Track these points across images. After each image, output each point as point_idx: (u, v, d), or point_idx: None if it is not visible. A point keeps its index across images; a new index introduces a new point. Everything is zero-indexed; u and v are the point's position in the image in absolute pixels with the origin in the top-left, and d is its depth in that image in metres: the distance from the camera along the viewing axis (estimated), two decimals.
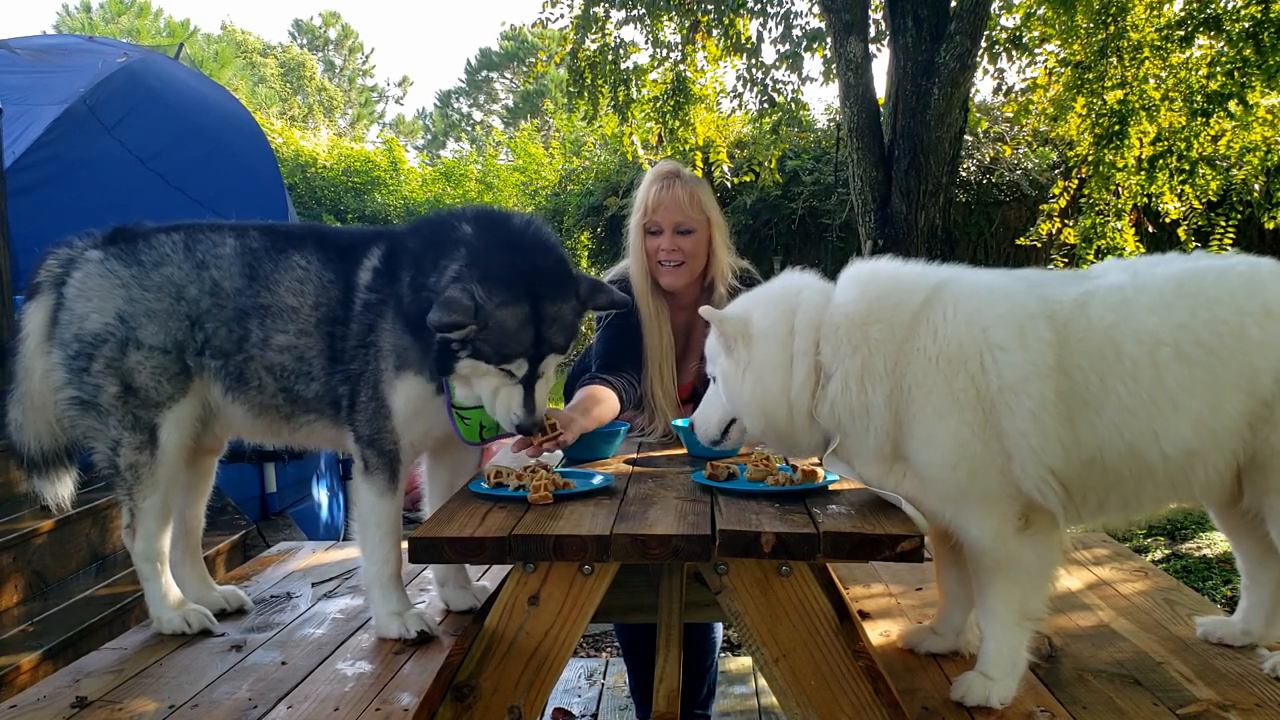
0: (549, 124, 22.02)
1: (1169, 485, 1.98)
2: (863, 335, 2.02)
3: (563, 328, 2.20)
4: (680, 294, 3.18)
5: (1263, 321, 1.93)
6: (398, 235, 2.39)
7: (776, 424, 2.11)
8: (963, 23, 5.80)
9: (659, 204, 3.10)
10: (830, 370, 2.04)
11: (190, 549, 2.56)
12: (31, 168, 5.49)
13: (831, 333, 2.05)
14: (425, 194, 15.30)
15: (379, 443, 2.30)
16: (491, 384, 2.20)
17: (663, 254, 3.10)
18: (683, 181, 3.15)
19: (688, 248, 3.11)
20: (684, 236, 3.10)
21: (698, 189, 3.15)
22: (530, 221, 2.32)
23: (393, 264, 2.31)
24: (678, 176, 3.16)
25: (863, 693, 2.01)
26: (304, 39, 36.50)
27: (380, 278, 2.31)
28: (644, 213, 3.13)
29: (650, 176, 3.20)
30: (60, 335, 2.35)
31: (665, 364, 3.13)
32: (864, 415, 2.01)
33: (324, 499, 6.30)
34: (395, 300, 2.27)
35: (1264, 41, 6.00)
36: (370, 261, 2.33)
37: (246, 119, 7.63)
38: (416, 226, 2.42)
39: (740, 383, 2.13)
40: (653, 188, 3.14)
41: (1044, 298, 1.99)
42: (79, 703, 2.02)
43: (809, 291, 2.13)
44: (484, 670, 2.08)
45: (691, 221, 3.10)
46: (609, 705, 3.75)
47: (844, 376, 2.02)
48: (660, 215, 3.10)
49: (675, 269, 3.11)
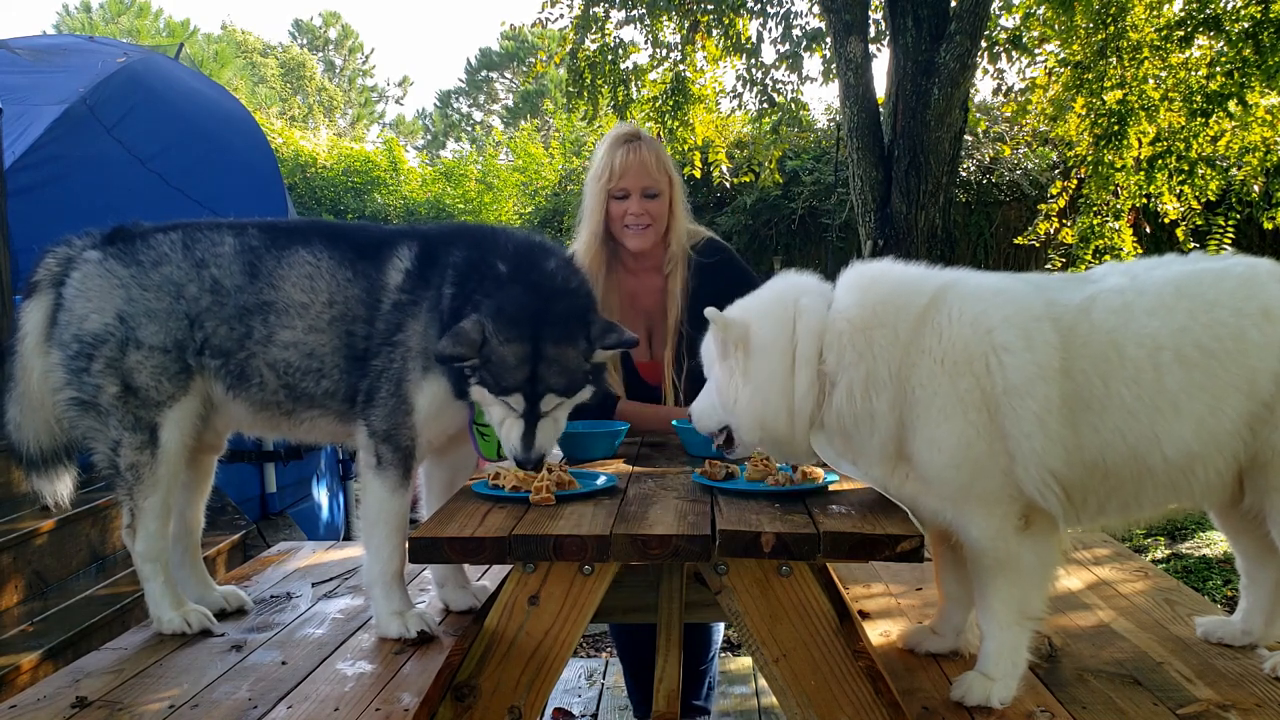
0: (549, 124, 22.01)
1: (1170, 487, 1.98)
2: (866, 342, 2.01)
3: (563, 370, 2.21)
4: (646, 254, 3.19)
5: (1261, 323, 1.93)
6: (433, 240, 2.39)
7: (775, 434, 2.10)
8: (963, 23, 5.81)
9: (626, 169, 3.10)
10: (835, 379, 2.03)
11: (190, 549, 2.56)
12: (31, 168, 5.48)
13: (835, 340, 2.03)
14: (425, 194, 15.27)
15: (395, 438, 2.30)
16: (498, 414, 2.24)
17: (630, 218, 3.11)
18: (646, 144, 3.15)
19: (654, 210, 3.12)
20: (651, 200, 3.12)
21: (660, 150, 3.17)
22: (564, 265, 2.34)
23: (428, 269, 2.33)
24: (640, 138, 3.17)
25: (863, 693, 2.01)
26: (304, 39, 36.49)
27: (413, 280, 2.33)
28: (609, 177, 3.12)
29: (611, 140, 3.19)
30: (59, 335, 2.35)
31: None
32: (869, 421, 2.01)
33: (324, 499, 6.30)
34: (431, 307, 2.29)
35: (1263, 41, 6.00)
36: (401, 263, 2.35)
37: (246, 119, 7.62)
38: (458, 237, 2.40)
39: (735, 392, 2.11)
40: (617, 152, 3.13)
41: (1049, 301, 1.99)
42: (79, 703, 2.02)
43: (809, 297, 2.11)
44: (484, 670, 2.08)
45: (657, 184, 3.12)
46: (609, 705, 3.75)
47: (849, 385, 2.01)
48: (628, 180, 3.11)
49: (643, 231, 3.13)
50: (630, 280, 3.22)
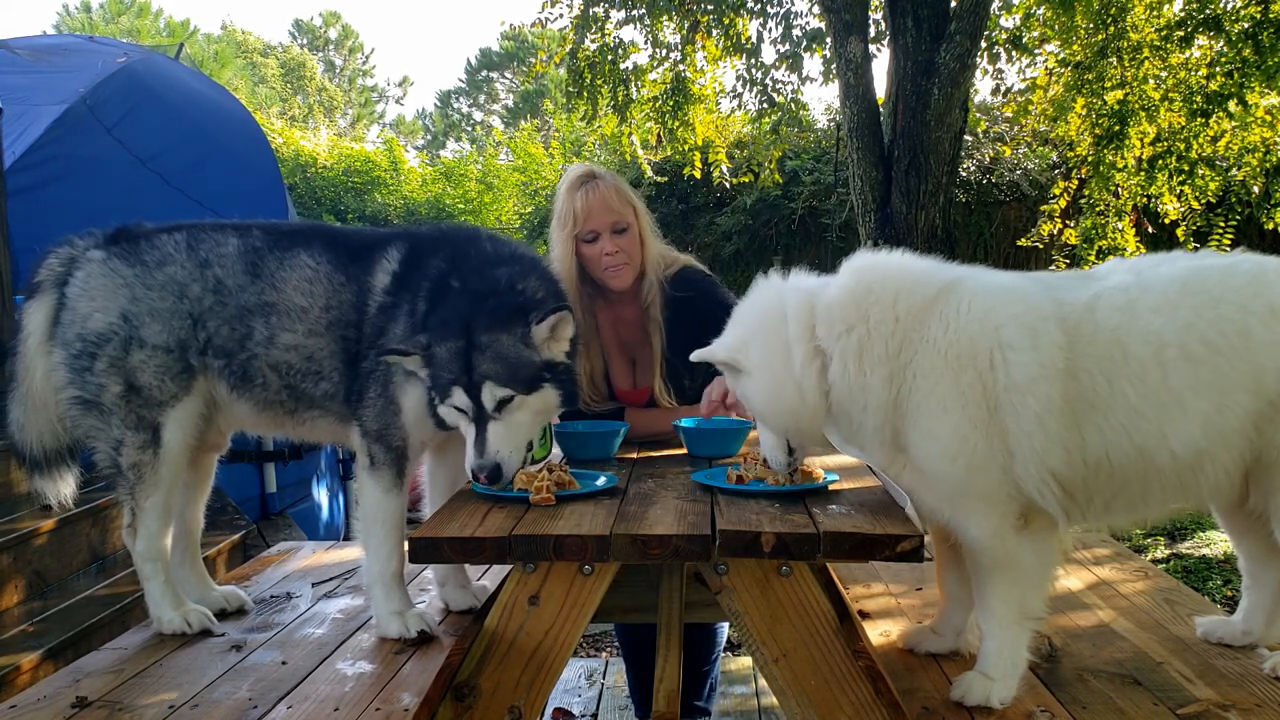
0: (549, 124, 22.01)
1: (1177, 487, 1.98)
2: (860, 314, 2.02)
3: (498, 356, 2.18)
4: (626, 290, 3.14)
5: (1268, 321, 1.92)
6: (418, 242, 2.40)
7: (795, 416, 2.10)
8: (963, 23, 5.81)
9: (589, 210, 3.04)
10: (830, 351, 2.04)
11: (190, 549, 2.56)
12: (31, 168, 5.48)
13: (826, 313, 2.05)
14: (425, 194, 15.27)
15: (386, 438, 2.30)
16: (462, 427, 2.23)
17: (607, 259, 3.05)
18: (604, 180, 3.11)
19: (626, 245, 3.07)
20: (621, 235, 3.07)
21: (618, 183, 3.13)
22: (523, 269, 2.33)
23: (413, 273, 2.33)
24: (596, 177, 3.12)
25: (863, 693, 2.01)
26: (304, 39, 36.47)
27: (398, 282, 2.33)
28: (574, 223, 3.06)
29: (568, 185, 3.13)
30: (62, 334, 2.35)
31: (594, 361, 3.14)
32: (863, 395, 2.01)
33: (324, 499, 6.30)
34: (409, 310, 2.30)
35: (1263, 42, 6.00)
36: (389, 265, 2.35)
37: (246, 119, 7.62)
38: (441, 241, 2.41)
39: (752, 392, 2.14)
40: (576, 195, 3.07)
41: (1057, 300, 1.99)
42: (79, 703, 2.02)
43: (795, 280, 2.15)
44: (484, 670, 2.08)
45: (623, 218, 3.07)
46: (609, 705, 3.75)
47: (843, 355, 2.02)
48: (593, 221, 3.05)
49: (621, 269, 3.08)
50: (609, 312, 3.20)
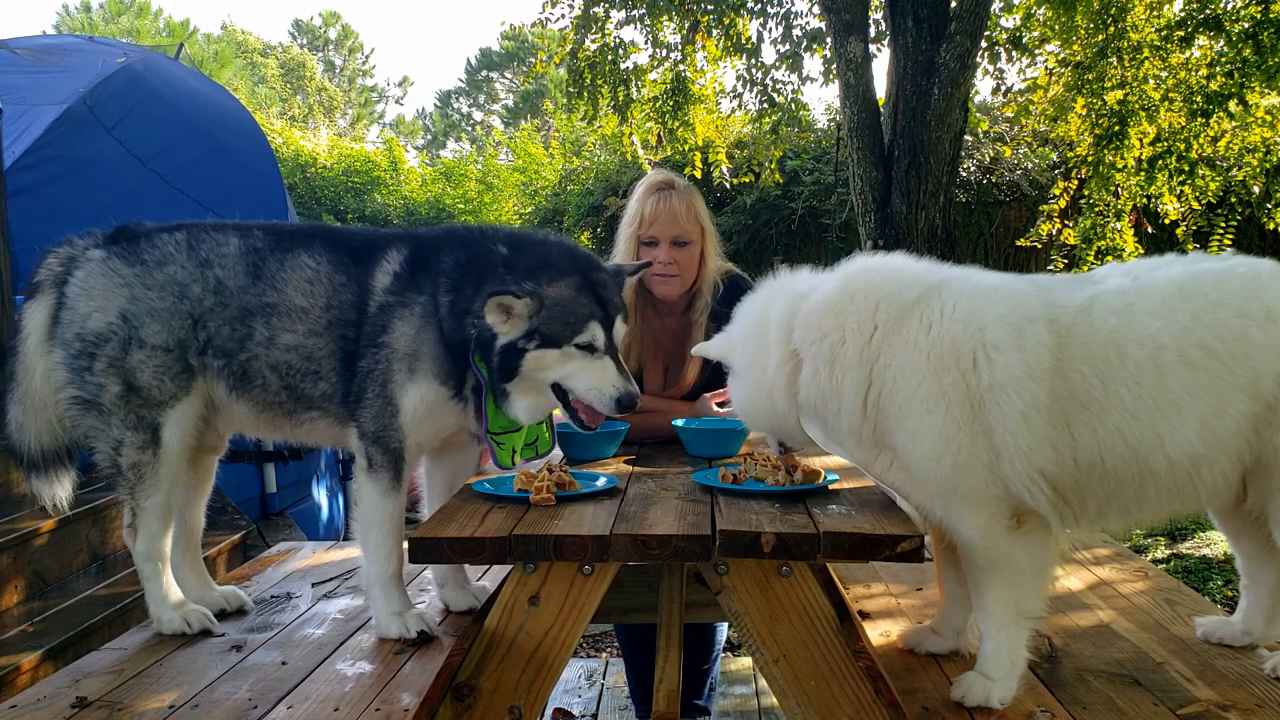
0: (549, 124, 22.01)
1: (1174, 490, 1.98)
2: (836, 322, 2.03)
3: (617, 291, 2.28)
4: (673, 303, 3.18)
5: (1264, 324, 1.93)
6: (420, 243, 2.39)
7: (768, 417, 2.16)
8: (963, 23, 5.80)
9: (656, 216, 3.10)
10: (803, 356, 2.06)
11: (190, 549, 2.56)
12: (31, 168, 5.48)
13: (803, 321, 2.07)
14: (425, 194, 15.27)
15: (384, 440, 2.30)
16: (570, 369, 2.23)
17: (658, 265, 3.09)
18: (678, 193, 3.14)
19: (683, 259, 3.11)
20: (680, 249, 3.11)
21: (693, 199, 3.16)
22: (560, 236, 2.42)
23: (417, 272, 2.33)
24: (673, 187, 3.15)
25: (863, 693, 2.01)
26: (304, 39, 36.47)
27: (401, 282, 2.32)
28: (640, 224, 3.12)
29: (644, 187, 3.19)
30: (62, 334, 2.35)
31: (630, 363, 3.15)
32: (835, 399, 2.03)
33: (324, 499, 6.30)
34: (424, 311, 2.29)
35: (1263, 42, 5.99)
36: (390, 265, 2.35)
37: (246, 119, 7.62)
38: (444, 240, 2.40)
39: (735, 390, 2.21)
40: (649, 200, 3.13)
41: (1049, 302, 1.99)
42: (79, 703, 2.02)
43: (791, 281, 2.18)
44: (484, 670, 2.08)
45: (688, 234, 3.11)
46: (609, 705, 3.75)
47: (814, 361, 2.04)
48: (657, 228, 3.10)
49: (669, 280, 3.11)
50: (655, 322, 3.23)
